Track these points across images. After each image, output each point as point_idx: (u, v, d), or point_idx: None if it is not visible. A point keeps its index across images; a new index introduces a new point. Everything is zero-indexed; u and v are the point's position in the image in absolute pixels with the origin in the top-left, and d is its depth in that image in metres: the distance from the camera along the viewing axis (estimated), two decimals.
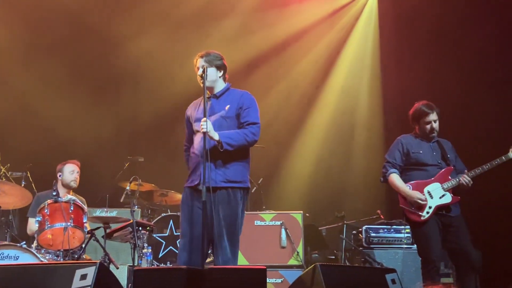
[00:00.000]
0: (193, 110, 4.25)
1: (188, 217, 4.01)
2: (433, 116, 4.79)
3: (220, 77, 4.18)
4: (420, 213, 4.62)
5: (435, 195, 4.65)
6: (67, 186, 5.69)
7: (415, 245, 5.31)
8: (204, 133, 3.82)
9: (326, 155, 8.53)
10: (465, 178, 4.64)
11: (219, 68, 4.17)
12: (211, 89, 4.14)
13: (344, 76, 8.71)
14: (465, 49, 6.95)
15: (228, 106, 4.09)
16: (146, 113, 8.29)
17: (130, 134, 8.41)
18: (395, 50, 8.01)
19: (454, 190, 4.70)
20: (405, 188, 4.70)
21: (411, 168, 4.80)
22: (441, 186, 4.67)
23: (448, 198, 4.66)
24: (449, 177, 4.70)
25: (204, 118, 3.86)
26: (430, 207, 4.62)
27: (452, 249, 4.64)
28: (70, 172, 5.69)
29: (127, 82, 8.30)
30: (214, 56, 4.16)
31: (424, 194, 4.65)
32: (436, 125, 4.80)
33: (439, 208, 4.63)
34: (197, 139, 4.08)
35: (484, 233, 5.68)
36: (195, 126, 4.14)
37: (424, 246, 4.64)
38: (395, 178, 4.77)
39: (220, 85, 4.19)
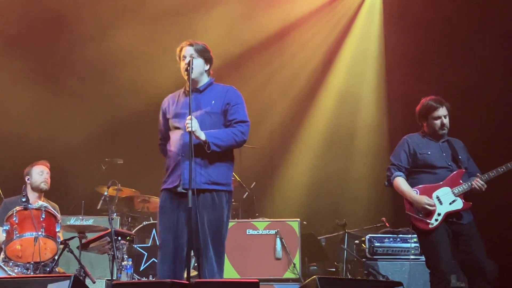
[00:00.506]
0: (170, 103, 4.22)
1: (169, 224, 3.97)
2: (442, 111, 4.74)
3: (206, 70, 4.18)
4: (428, 221, 4.58)
5: (445, 200, 4.61)
6: (37, 190, 5.65)
7: (424, 256, 5.30)
8: (190, 132, 3.79)
9: (326, 157, 8.52)
10: (478, 182, 4.59)
11: (207, 60, 4.17)
12: (195, 82, 4.12)
13: (345, 72, 8.69)
14: (479, 42, 6.95)
15: (213, 101, 4.07)
16: (125, 111, 8.20)
17: (108, 134, 8.32)
18: (400, 42, 7.97)
19: (465, 195, 4.66)
20: (412, 192, 4.66)
21: (419, 170, 4.76)
22: (452, 190, 4.63)
23: (459, 204, 4.61)
24: (460, 181, 4.65)
25: (190, 116, 3.84)
26: (439, 214, 4.58)
27: (464, 260, 4.58)
28: (39, 173, 5.66)
29: (104, 77, 8.21)
30: (203, 46, 4.16)
31: (432, 200, 4.61)
32: (446, 121, 4.75)
33: (449, 215, 4.59)
34: (176, 136, 4.05)
35: (498, 241, 5.69)
36: (174, 122, 4.11)
37: (432, 257, 4.59)
38: (400, 182, 4.73)
39: (204, 79, 4.18)
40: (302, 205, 8.18)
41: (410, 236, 5.94)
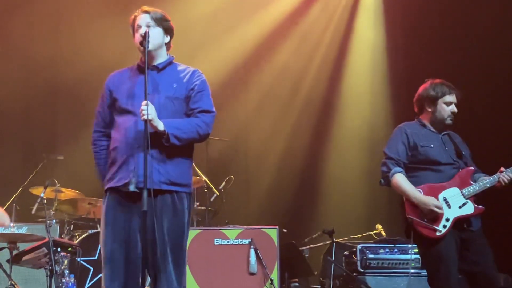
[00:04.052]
0: (119, 81, 4.14)
1: (119, 233, 3.92)
2: (454, 98, 4.78)
3: (166, 43, 4.14)
4: (435, 227, 4.58)
5: (454, 203, 4.63)
6: None
7: (426, 271, 5.36)
8: (146, 121, 3.75)
9: (308, 150, 8.59)
10: (505, 176, 4.59)
11: (166, 30, 4.12)
12: (152, 57, 4.07)
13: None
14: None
15: (175, 84, 4.05)
16: (66, 91, 8.13)
17: (44, 123, 8.27)
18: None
19: (476, 198, 4.69)
20: (417, 192, 4.63)
21: (419, 167, 4.75)
22: (461, 192, 4.65)
23: (469, 208, 4.63)
24: (470, 181, 4.70)
25: (145, 101, 3.78)
26: (447, 220, 4.58)
27: (473, 273, 4.60)
28: None
29: (39, 45, 8.11)
30: (161, 14, 4.10)
31: (439, 202, 4.62)
32: (455, 110, 4.79)
33: (458, 221, 4.61)
34: (127, 122, 3.98)
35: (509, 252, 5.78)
36: (125, 104, 4.02)
37: (437, 271, 4.59)
38: (402, 180, 4.69)
39: (163, 55, 4.15)
40: (280, 209, 8.25)
41: (410, 246, 5.90)
